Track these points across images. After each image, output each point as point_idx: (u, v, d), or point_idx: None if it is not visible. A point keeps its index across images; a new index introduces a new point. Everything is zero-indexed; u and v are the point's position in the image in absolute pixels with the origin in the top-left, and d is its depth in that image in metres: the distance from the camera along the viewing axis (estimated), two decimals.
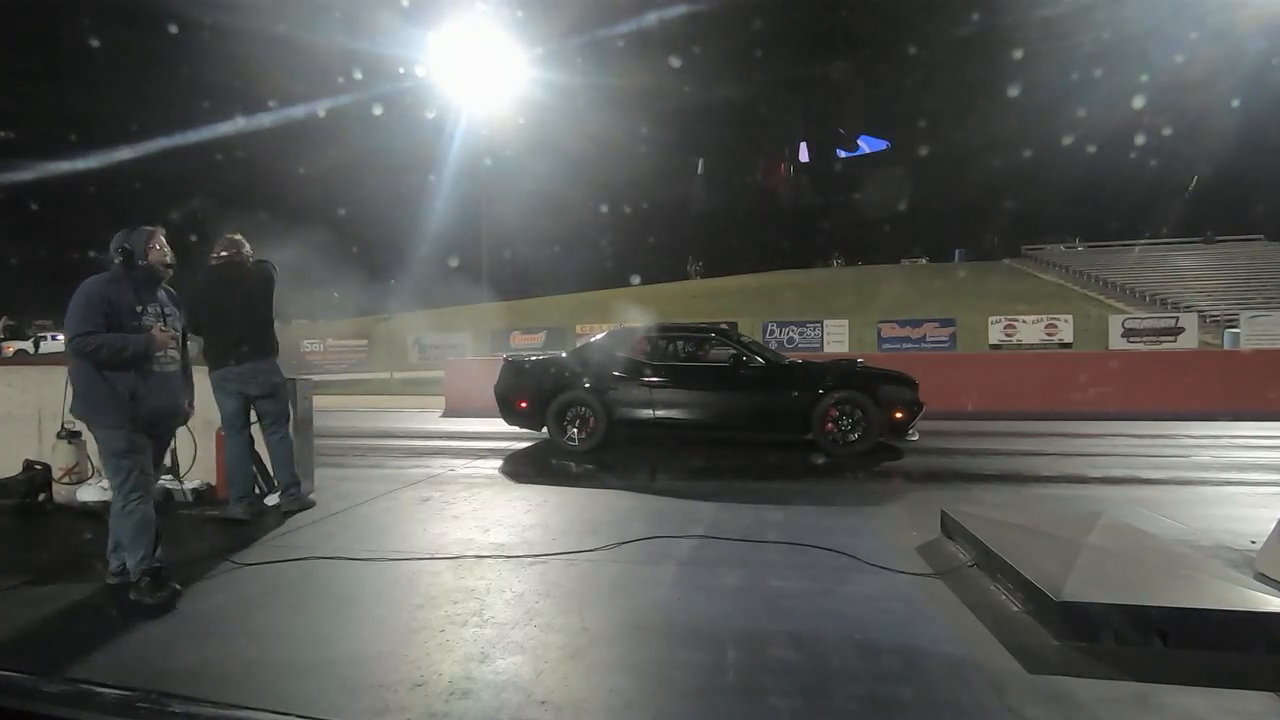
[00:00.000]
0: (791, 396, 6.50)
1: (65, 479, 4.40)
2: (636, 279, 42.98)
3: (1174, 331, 19.65)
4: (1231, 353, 15.62)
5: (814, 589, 2.91)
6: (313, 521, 4.07)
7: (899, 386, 6.54)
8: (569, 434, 6.80)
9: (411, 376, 18.99)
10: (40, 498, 4.41)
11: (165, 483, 4.55)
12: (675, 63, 45.37)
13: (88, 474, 4.43)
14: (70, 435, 4.36)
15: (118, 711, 0.87)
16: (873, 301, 28.79)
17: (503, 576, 3.10)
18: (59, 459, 4.39)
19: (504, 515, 4.21)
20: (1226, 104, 37.49)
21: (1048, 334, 20.03)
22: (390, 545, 3.58)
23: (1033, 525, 3.24)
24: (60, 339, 17.71)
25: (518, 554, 3.41)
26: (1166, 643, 2.29)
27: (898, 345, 19.46)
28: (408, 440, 8.08)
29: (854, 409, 6.36)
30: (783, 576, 3.06)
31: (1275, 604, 2.37)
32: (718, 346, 7.08)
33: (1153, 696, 2.02)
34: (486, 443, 7.51)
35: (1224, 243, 39.91)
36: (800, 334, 20.62)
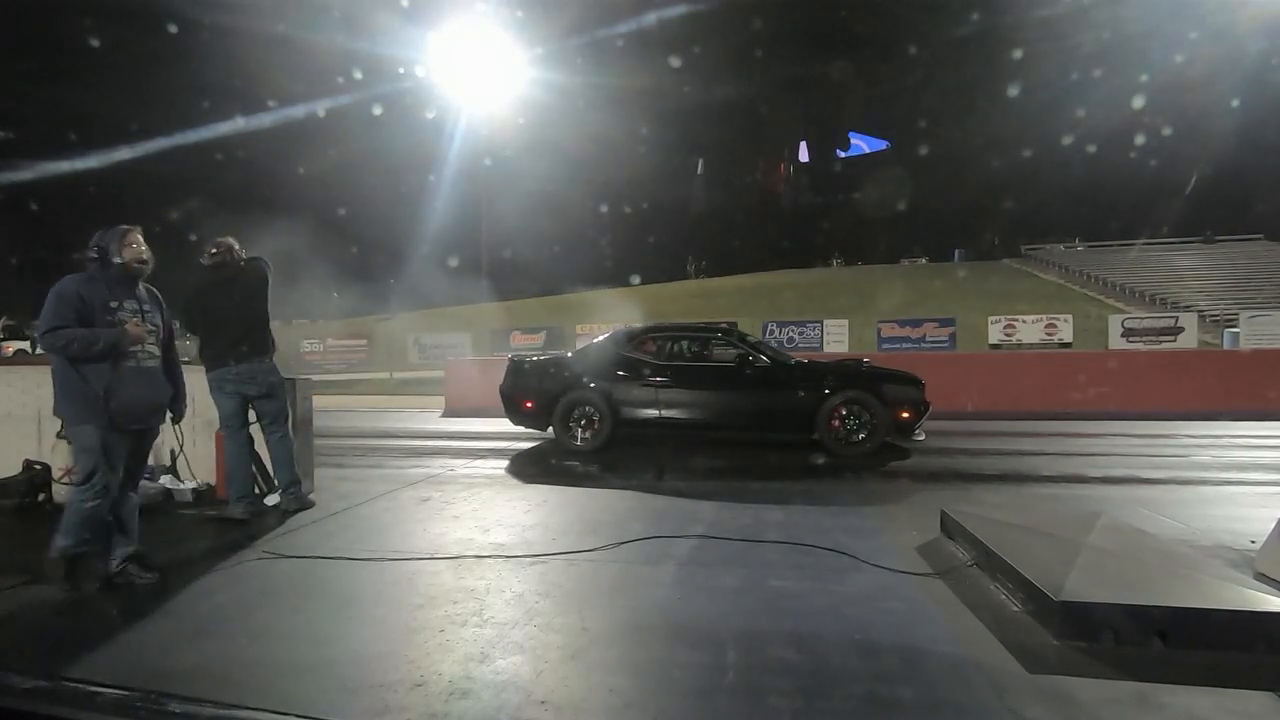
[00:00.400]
0: (798, 396, 6.48)
1: (65, 479, 4.38)
2: (636, 279, 43.07)
3: (1174, 331, 19.65)
4: (1231, 352, 15.61)
5: (814, 589, 2.91)
6: (312, 521, 4.07)
7: (905, 386, 6.53)
8: (574, 434, 6.77)
9: (411, 376, 18.99)
10: (40, 498, 4.41)
11: (165, 482, 4.56)
12: (675, 63, 45.46)
13: None
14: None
15: (117, 711, 0.87)
16: (872, 301, 28.81)
17: (502, 576, 3.10)
18: (59, 459, 4.38)
19: (504, 515, 4.21)
20: (1226, 104, 37.52)
21: (1047, 334, 20.05)
22: (390, 545, 3.58)
23: (1033, 525, 3.24)
24: None
25: (517, 554, 3.41)
26: (1166, 642, 2.29)
27: (897, 345, 19.46)
28: (407, 440, 8.07)
29: (860, 409, 6.33)
30: (782, 576, 3.06)
31: (1275, 604, 2.37)
32: (724, 346, 7.06)
33: (1153, 696, 2.02)
34: (486, 443, 7.51)
35: (1224, 242, 39.93)
36: (800, 334, 20.61)
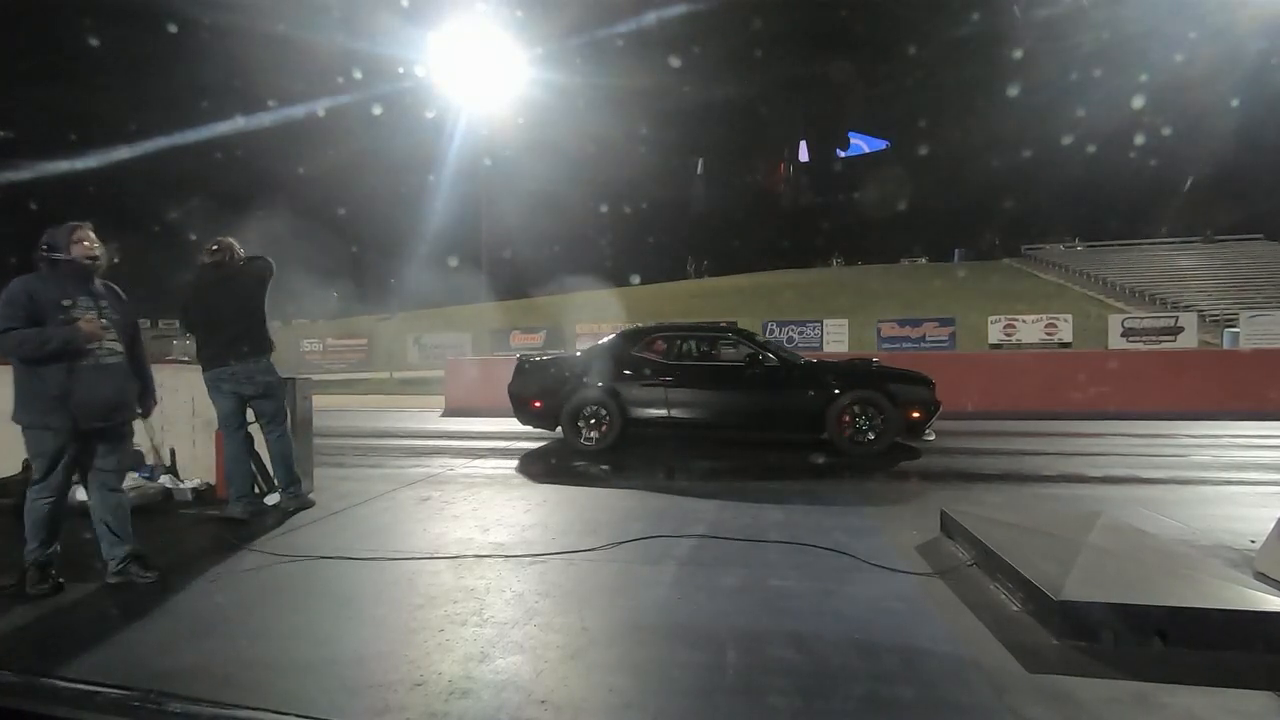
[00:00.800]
0: (807, 396, 6.46)
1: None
2: (636, 279, 43.01)
3: (1173, 331, 19.66)
4: (1231, 352, 15.60)
5: (814, 589, 2.91)
6: (312, 521, 4.07)
7: (916, 386, 6.50)
8: (584, 434, 6.74)
9: (411, 376, 19.00)
10: None
11: (165, 482, 4.55)
12: (675, 63, 45.37)
13: None
14: None
15: (118, 711, 0.87)
16: (872, 301, 28.81)
17: (502, 576, 3.10)
18: None
19: (503, 515, 4.21)
20: (1226, 104, 37.48)
21: (1047, 334, 20.06)
22: (390, 545, 3.58)
23: (1032, 525, 3.24)
24: None
25: (517, 553, 3.41)
26: (1166, 642, 2.30)
27: (897, 345, 19.45)
28: (407, 440, 8.07)
29: (870, 409, 6.31)
30: (783, 576, 3.06)
31: (1275, 603, 2.37)
32: (732, 346, 7.05)
33: (1153, 696, 2.02)
34: (486, 442, 7.51)
35: (1224, 242, 39.89)
36: (800, 334, 20.60)
